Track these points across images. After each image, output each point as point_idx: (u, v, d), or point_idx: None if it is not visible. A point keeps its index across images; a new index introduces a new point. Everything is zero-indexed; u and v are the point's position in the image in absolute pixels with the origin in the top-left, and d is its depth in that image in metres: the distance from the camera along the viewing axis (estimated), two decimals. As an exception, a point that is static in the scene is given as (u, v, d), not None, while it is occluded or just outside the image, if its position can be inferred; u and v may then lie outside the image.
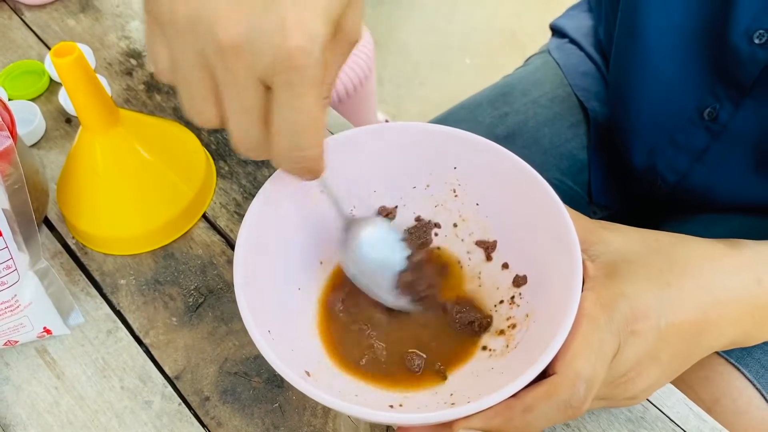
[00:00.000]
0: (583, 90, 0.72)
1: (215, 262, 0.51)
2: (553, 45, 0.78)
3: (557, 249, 0.39)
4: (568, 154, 0.70)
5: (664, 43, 0.53)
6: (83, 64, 0.44)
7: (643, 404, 0.44)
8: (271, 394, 0.45)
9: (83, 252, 0.52)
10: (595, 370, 0.33)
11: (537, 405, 0.32)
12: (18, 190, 0.44)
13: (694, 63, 0.53)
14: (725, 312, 0.38)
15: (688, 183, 0.60)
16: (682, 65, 0.54)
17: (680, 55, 0.53)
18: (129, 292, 0.50)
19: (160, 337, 0.48)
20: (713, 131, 0.55)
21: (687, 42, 0.52)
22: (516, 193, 0.42)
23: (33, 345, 0.48)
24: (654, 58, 0.55)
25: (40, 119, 0.58)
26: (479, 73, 1.72)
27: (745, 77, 0.51)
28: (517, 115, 0.72)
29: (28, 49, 0.64)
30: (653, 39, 0.54)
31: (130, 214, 0.50)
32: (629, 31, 0.56)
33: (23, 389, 0.46)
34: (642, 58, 0.56)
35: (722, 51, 0.51)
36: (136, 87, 0.61)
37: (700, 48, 0.52)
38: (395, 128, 0.45)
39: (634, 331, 0.35)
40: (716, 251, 0.39)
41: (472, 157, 0.44)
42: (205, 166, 0.54)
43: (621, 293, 0.35)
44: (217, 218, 0.53)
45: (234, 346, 0.47)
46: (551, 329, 0.35)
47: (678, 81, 0.55)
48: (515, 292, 0.43)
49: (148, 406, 0.45)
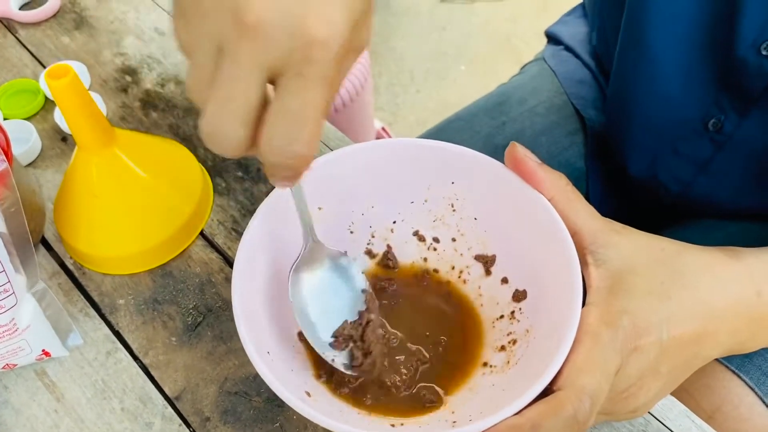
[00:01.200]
0: (580, 98, 0.72)
1: (213, 280, 0.51)
2: (548, 52, 0.78)
3: (557, 263, 0.39)
4: (566, 163, 0.70)
5: (669, 55, 0.53)
6: (78, 85, 0.44)
7: (645, 418, 0.43)
8: (272, 414, 0.45)
9: (81, 272, 0.52)
10: (600, 385, 0.33)
11: (544, 422, 0.32)
12: (14, 213, 0.43)
13: (699, 75, 0.53)
14: (723, 324, 0.38)
15: (692, 193, 0.60)
16: (687, 77, 0.54)
17: (685, 67, 0.53)
18: (128, 312, 0.50)
19: (159, 357, 0.48)
20: (718, 142, 0.55)
21: (692, 54, 0.52)
22: (514, 208, 0.42)
23: (32, 367, 0.47)
24: (659, 71, 0.55)
25: (35, 138, 0.57)
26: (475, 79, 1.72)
27: (752, 89, 0.51)
28: (514, 124, 0.72)
29: (23, 67, 0.64)
30: (658, 51, 0.54)
31: (128, 234, 0.50)
32: (634, 43, 0.56)
33: (23, 412, 0.46)
34: (646, 71, 0.56)
35: (728, 63, 0.51)
36: (132, 104, 0.61)
37: (705, 60, 0.52)
38: (392, 144, 0.45)
39: (637, 347, 0.34)
40: (718, 261, 0.39)
41: (470, 172, 0.44)
42: (201, 183, 0.54)
43: (624, 310, 0.35)
44: (214, 236, 0.53)
45: (234, 365, 0.47)
46: (553, 345, 0.35)
47: (682, 93, 0.55)
48: (515, 307, 0.43)
49: (149, 427, 0.45)
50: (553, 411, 0.32)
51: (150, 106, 0.61)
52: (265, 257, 0.42)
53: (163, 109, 0.61)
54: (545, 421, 0.32)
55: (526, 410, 0.33)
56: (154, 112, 0.61)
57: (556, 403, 0.32)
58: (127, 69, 0.64)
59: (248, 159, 0.57)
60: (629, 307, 0.35)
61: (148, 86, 0.62)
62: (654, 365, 0.36)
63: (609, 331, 0.34)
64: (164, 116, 0.60)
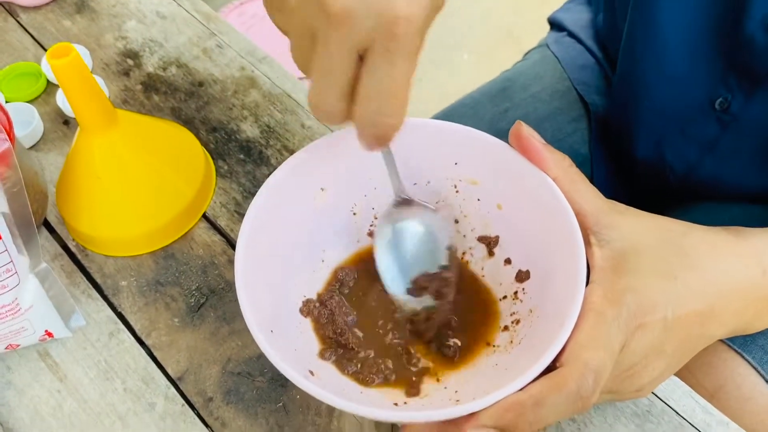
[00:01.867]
0: (583, 84, 0.72)
1: (216, 262, 0.51)
2: (551, 39, 0.78)
3: (560, 243, 0.39)
4: (570, 148, 0.69)
5: (677, 34, 0.53)
6: (80, 65, 0.43)
7: (648, 398, 0.43)
8: (275, 394, 0.45)
9: (83, 254, 0.52)
10: (604, 362, 0.33)
11: (548, 398, 0.32)
12: (17, 193, 0.43)
13: (706, 53, 0.53)
14: (729, 304, 0.38)
15: (697, 174, 0.59)
16: (695, 56, 0.54)
17: (693, 46, 0.53)
18: (130, 293, 0.50)
19: (162, 338, 0.48)
20: (724, 122, 0.55)
21: (700, 33, 0.52)
22: (518, 188, 0.42)
23: (35, 348, 0.47)
24: (667, 50, 0.55)
25: (37, 121, 0.57)
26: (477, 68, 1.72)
27: (760, 67, 0.51)
28: (517, 110, 0.72)
29: (24, 51, 0.64)
30: (667, 30, 0.53)
31: (130, 215, 0.50)
32: (642, 22, 0.55)
33: (26, 393, 0.46)
34: (654, 50, 0.55)
35: (737, 41, 0.50)
36: (134, 87, 0.61)
37: (713, 38, 0.52)
38: None
39: (641, 325, 0.34)
40: (723, 241, 0.39)
41: (473, 152, 0.43)
42: (204, 165, 0.54)
43: (628, 288, 0.35)
44: (217, 218, 0.53)
45: (237, 346, 0.47)
46: (556, 324, 0.35)
47: (690, 72, 0.55)
48: (518, 288, 0.43)
49: (152, 407, 0.45)
50: (556, 387, 0.32)
51: (152, 89, 0.61)
52: (267, 237, 0.41)
53: (164, 92, 0.61)
54: (548, 397, 0.32)
55: (529, 386, 0.32)
56: (156, 96, 0.60)
57: (559, 379, 0.32)
58: (129, 52, 0.63)
59: (250, 142, 0.57)
60: (634, 286, 0.35)
61: (150, 70, 0.62)
62: (658, 344, 0.36)
63: (613, 309, 0.34)
64: (166, 99, 0.60)
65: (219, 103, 0.60)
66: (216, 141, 0.57)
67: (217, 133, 0.58)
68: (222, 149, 0.57)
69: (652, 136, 0.61)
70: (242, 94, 0.60)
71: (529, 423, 0.32)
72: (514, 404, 0.32)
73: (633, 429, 0.42)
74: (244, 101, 0.60)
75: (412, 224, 0.43)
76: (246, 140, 0.57)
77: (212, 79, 0.61)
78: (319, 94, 0.34)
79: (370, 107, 0.33)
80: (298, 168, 0.42)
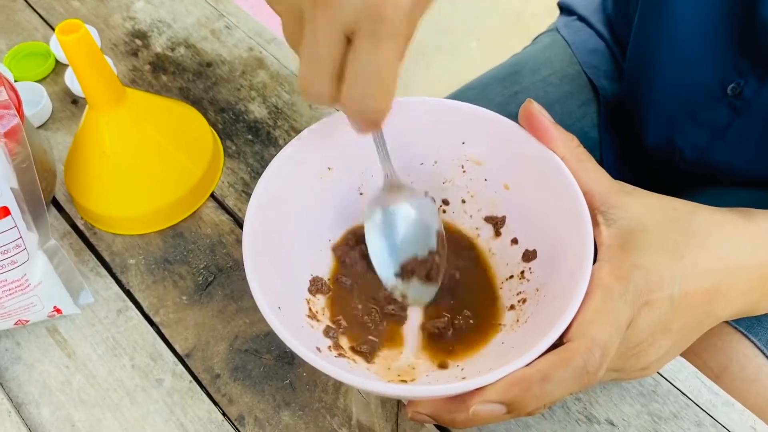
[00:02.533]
0: (593, 68, 0.72)
1: (224, 241, 0.51)
2: (561, 23, 0.78)
3: (568, 222, 0.38)
4: (580, 132, 0.69)
5: (691, 18, 0.53)
6: (89, 41, 0.43)
7: (654, 378, 0.43)
8: (282, 371, 0.45)
9: (92, 232, 0.52)
10: (610, 337, 0.33)
11: (554, 373, 0.32)
12: (26, 169, 0.43)
13: (720, 38, 0.53)
14: (736, 283, 0.38)
15: (707, 159, 0.59)
16: (708, 40, 0.53)
17: (707, 30, 0.53)
18: (138, 271, 0.50)
19: (170, 315, 0.48)
20: (736, 107, 0.55)
21: (714, 17, 0.52)
22: (526, 167, 0.42)
23: (44, 324, 0.48)
24: (680, 34, 0.54)
25: (46, 100, 0.57)
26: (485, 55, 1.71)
27: None
28: (527, 93, 0.72)
29: (33, 31, 0.64)
30: (680, 14, 0.53)
31: (138, 194, 0.50)
32: (655, 6, 0.55)
33: (35, 368, 0.46)
34: (667, 34, 0.55)
35: (751, 26, 0.50)
36: (142, 67, 0.61)
37: (727, 23, 0.51)
38: (402, 104, 0.44)
39: (648, 302, 0.34)
40: (731, 222, 0.38)
41: (481, 131, 0.43)
42: (212, 145, 0.54)
43: (635, 265, 0.35)
44: (225, 197, 0.53)
45: (244, 323, 0.47)
46: (563, 301, 0.35)
47: (703, 56, 0.54)
48: (525, 267, 0.43)
49: (159, 384, 0.45)
50: (563, 362, 0.32)
51: (160, 69, 0.61)
52: (274, 216, 0.42)
53: (173, 72, 0.61)
54: (555, 372, 0.32)
55: (536, 362, 0.32)
56: (164, 76, 0.60)
57: (566, 355, 0.32)
58: (138, 33, 0.63)
59: (258, 122, 0.57)
60: (641, 263, 0.35)
61: (158, 50, 0.62)
62: (665, 321, 0.35)
63: (620, 285, 0.34)
64: (174, 79, 0.60)
65: (227, 84, 0.60)
66: (224, 121, 0.57)
67: (225, 114, 0.58)
68: (230, 129, 0.57)
69: (663, 121, 0.61)
70: (250, 75, 0.60)
71: (536, 398, 0.32)
72: (521, 379, 0.32)
73: (638, 408, 0.42)
74: (252, 82, 0.60)
75: (403, 208, 0.43)
76: (254, 121, 0.57)
77: (220, 59, 0.61)
78: (306, 75, 0.34)
79: (357, 91, 0.33)
80: (305, 147, 0.42)
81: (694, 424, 0.42)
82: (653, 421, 0.42)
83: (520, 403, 0.32)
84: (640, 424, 0.42)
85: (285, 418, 0.43)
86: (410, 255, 0.43)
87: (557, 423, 0.42)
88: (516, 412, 0.33)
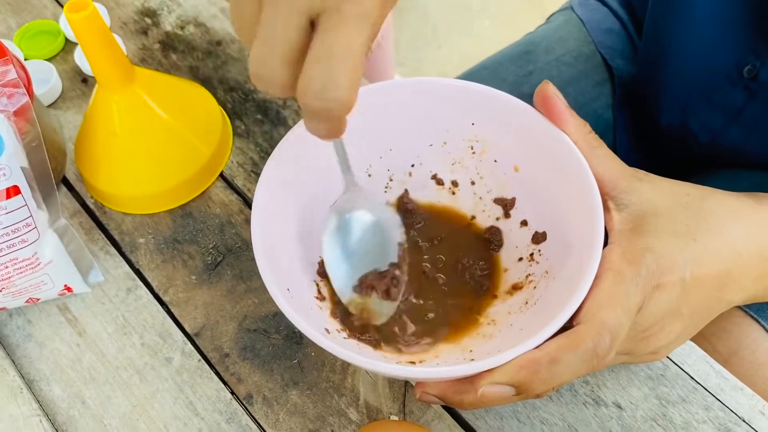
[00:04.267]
0: (608, 47, 0.71)
1: (233, 221, 0.51)
2: (576, 1, 0.76)
3: (578, 204, 0.38)
4: (593, 113, 0.68)
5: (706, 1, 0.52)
6: (97, 19, 0.43)
7: (663, 362, 0.43)
8: (290, 351, 0.45)
9: (102, 211, 0.52)
10: (620, 321, 0.32)
11: (563, 355, 0.32)
12: (36, 148, 0.44)
13: (736, 20, 0.52)
14: (748, 268, 0.37)
15: (721, 142, 0.58)
16: (724, 22, 0.52)
17: (723, 11, 0.52)
18: (148, 250, 0.50)
19: (179, 294, 0.48)
20: (752, 90, 0.54)
21: None
22: (536, 148, 0.41)
23: (54, 303, 0.48)
24: (697, 15, 0.53)
25: (56, 79, 0.57)
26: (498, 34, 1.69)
27: None
28: (541, 73, 0.71)
29: (43, 9, 0.64)
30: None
31: (148, 173, 0.50)
32: None
33: (46, 346, 0.46)
34: (683, 15, 0.54)
35: (767, 6, 0.49)
36: (152, 46, 0.61)
37: (744, 4, 0.50)
38: (410, 84, 0.44)
39: (659, 285, 0.34)
40: (744, 206, 0.38)
41: (491, 112, 0.43)
42: (221, 125, 0.53)
43: (647, 248, 0.34)
44: (234, 177, 0.53)
45: (253, 303, 0.47)
46: (572, 284, 0.35)
47: (718, 38, 0.53)
48: (534, 249, 0.42)
49: (169, 362, 0.45)
50: (572, 345, 0.32)
51: (169, 48, 0.61)
52: (283, 196, 0.41)
53: (182, 51, 0.60)
54: (564, 355, 0.32)
55: (545, 344, 0.32)
56: (174, 54, 0.60)
57: (575, 337, 0.32)
58: (147, 11, 0.63)
59: (267, 102, 0.57)
60: (653, 246, 0.35)
61: (168, 28, 0.62)
62: (676, 306, 0.35)
63: (631, 268, 0.34)
64: (184, 58, 0.60)
65: (237, 63, 0.59)
66: (233, 101, 0.57)
67: (235, 93, 0.58)
68: (239, 109, 0.57)
69: (677, 103, 0.60)
70: (260, 54, 0.60)
71: (544, 381, 0.32)
72: (530, 361, 0.32)
73: (646, 392, 0.42)
74: (262, 61, 0.59)
75: (364, 218, 0.41)
76: (263, 100, 0.57)
77: (230, 38, 0.61)
78: (258, 56, 0.30)
79: (315, 73, 0.29)
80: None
81: (702, 408, 0.42)
82: (661, 405, 0.42)
83: (528, 385, 0.32)
84: (648, 408, 0.42)
85: (293, 397, 0.43)
86: (370, 268, 0.41)
87: (564, 405, 0.42)
88: (524, 394, 0.33)
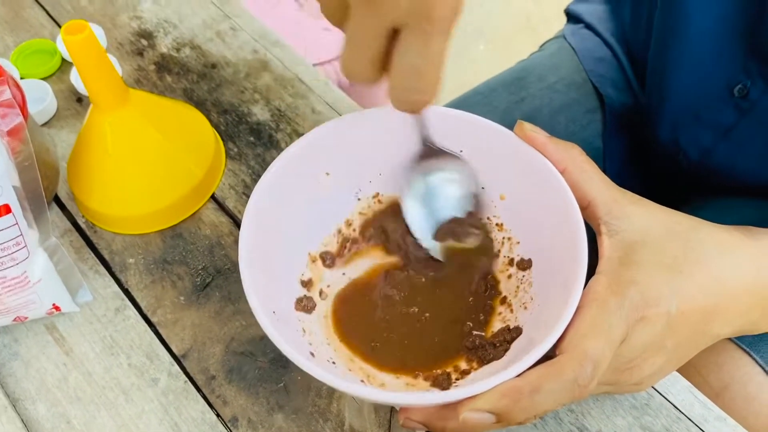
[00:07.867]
0: (599, 76, 0.72)
1: (223, 243, 0.51)
2: (568, 30, 0.78)
3: (563, 233, 0.39)
4: (584, 140, 0.69)
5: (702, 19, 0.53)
6: (94, 42, 0.44)
7: (647, 391, 0.43)
8: (276, 374, 0.45)
9: (92, 230, 0.52)
10: (603, 351, 0.33)
11: (544, 384, 0.32)
12: (28, 167, 0.44)
13: (728, 38, 0.52)
14: (735, 303, 0.37)
15: (711, 160, 0.59)
16: (716, 40, 0.53)
17: (716, 30, 0.53)
18: (137, 270, 0.50)
19: (167, 315, 0.48)
20: (742, 108, 0.55)
21: (724, 17, 0.51)
22: (522, 177, 0.42)
23: (42, 321, 0.48)
24: (691, 34, 0.54)
25: (51, 98, 0.58)
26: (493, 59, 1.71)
27: None
28: (533, 100, 0.72)
29: (40, 28, 0.64)
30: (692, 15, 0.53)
31: (140, 194, 0.51)
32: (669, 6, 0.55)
33: (32, 365, 0.46)
34: (679, 34, 0.55)
35: (759, 27, 0.50)
36: (147, 67, 0.61)
37: (735, 23, 0.51)
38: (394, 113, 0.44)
39: (643, 318, 0.34)
40: (734, 239, 0.38)
41: (480, 140, 0.43)
42: (214, 147, 0.54)
43: (633, 280, 0.35)
44: (225, 199, 0.54)
45: (241, 325, 0.47)
46: (555, 312, 0.35)
47: (711, 56, 0.54)
48: (520, 276, 0.43)
49: (155, 383, 0.45)
50: (553, 374, 0.32)
51: (165, 69, 0.61)
52: (271, 220, 0.42)
53: (177, 73, 0.61)
54: (545, 384, 0.32)
55: (527, 373, 0.33)
56: (169, 76, 0.61)
57: (557, 367, 0.32)
58: (144, 32, 0.64)
59: (260, 125, 0.57)
60: (639, 279, 0.35)
61: (164, 50, 0.62)
62: (660, 338, 0.35)
63: (616, 299, 0.34)
64: (178, 80, 0.60)
65: (231, 86, 0.60)
66: (227, 123, 0.58)
67: (228, 116, 0.58)
68: (232, 131, 0.57)
69: (668, 121, 0.61)
70: (254, 77, 0.60)
71: (525, 409, 0.32)
72: (511, 390, 0.32)
73: (631, 421, 0.42)
74: (256, 84, 0.60)
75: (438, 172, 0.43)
76: (256, 123, 0.58)
77: (225, 61, 0.62)
78: (349, 58, 0.34)
79: (403, 83, 0.34)
80: (304, 152, 0.43)
81: (686, 438, 0.42)
82: (645, 434, 0.42)
83: (509, 413, 0.32)
84: (632, 437, 0.42)
85: (278, 420, 0.43)
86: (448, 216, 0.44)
87: (549, 433, 0.42)
88: (505, 422, 0.33)
